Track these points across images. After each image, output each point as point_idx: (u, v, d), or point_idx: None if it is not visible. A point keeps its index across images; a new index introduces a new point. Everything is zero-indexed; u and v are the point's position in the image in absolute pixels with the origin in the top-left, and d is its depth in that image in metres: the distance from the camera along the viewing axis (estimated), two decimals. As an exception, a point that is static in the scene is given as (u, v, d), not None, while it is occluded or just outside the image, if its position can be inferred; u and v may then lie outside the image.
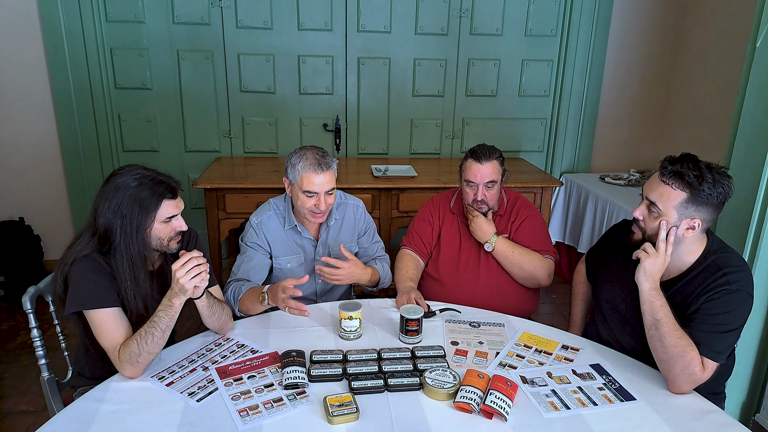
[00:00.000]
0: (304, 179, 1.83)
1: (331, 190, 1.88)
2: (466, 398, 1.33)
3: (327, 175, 1.84)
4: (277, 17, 3.40)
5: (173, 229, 1.52)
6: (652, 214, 1.49)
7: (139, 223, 1.46)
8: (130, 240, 1.47)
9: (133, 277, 1.50)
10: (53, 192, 3.52)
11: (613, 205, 3.16)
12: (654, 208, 1.47)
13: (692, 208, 1.44)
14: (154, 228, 1.49)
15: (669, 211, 1.45)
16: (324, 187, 1.85)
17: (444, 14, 3.51)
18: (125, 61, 3.37)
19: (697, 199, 1.43)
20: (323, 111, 3.63)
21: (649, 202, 1.49)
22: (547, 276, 2.03)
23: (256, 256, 1.95)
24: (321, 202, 1.86)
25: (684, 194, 1.43)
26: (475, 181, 2.00)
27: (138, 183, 1.46)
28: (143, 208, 1.46)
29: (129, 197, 1.45)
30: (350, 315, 1.63)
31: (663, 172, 1.47)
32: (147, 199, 1.46)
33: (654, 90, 3.82)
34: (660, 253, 1.46)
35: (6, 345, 2.88)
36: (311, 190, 1.84)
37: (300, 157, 1.85)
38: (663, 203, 1.45)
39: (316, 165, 1.82)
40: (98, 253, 1.49)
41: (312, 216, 1.91)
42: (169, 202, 1.49)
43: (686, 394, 1.43)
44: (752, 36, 2.00)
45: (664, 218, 1.46)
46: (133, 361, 1.42)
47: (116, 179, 1.47)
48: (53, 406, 1.64)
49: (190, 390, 1.40)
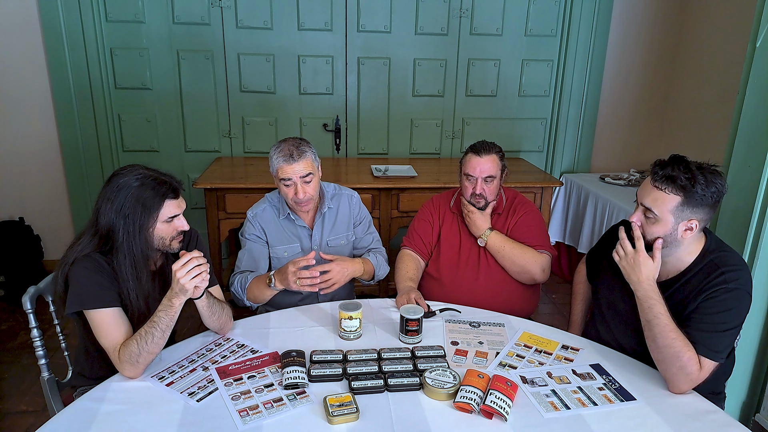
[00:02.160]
0: (279, 170, 1.90)
1: (307, 176, 1.90)
2: (466, 398, 1.33)
3: (299, 164, 1.88)
4: (277, 17, 3.40)
5: (175, 229, 1.53)
6: (649, 220, 1.48)
7: (142, 223, 1.46)
8: (133, 240, 1.47)
9: (136, 277, 1.50)
10: (53, 192, 3.52)
11: (613, 205, 3.16)
12: (650, 213, 1.47)
13: (688, 211, 1.44)
14: (156, 228, 1.49)
15: (665, 215, 1.45)
16: (298, 174, 1.88)
17: (444, 14, 3.51)
18: (125, 61, 3.37)
19: (692, 201, 1.43)
20: (323, 111, 3.63)
21: (644, 208, 1.49)
22: (541, 271, 2.03)
23: (255, 248, 2.00)
24: (299, 190, 1.90)
25: (678, 198, 1.43)
26: (474, 175, 2.01)
27: (140, 183, 1.46)
28: (146, 208, 1.46)
29: (131, 197, 1.45)
30: (350, 315, 1.63)
31: (655, 178, 1.46)
32: (150, 199, 1.46)
33: (654, 90, 3.82)
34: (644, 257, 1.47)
35: (6, 345, 2.88)
36: (286, 178, 1.89)
37: (276, 148, 1.92)
38: (658, 208, 1.45)
39: (288, 156, 1.88)
40: (99, 252, 1.49)
41: (296, 206, 1.96)
42: (172, 201, 1.49)
43: (686, 393, 1.43)
44: (752, 36, 2.00)
45: (661, 223, 1.46)
46: (133, 361, 1.42)
47: (118, 179, 1.47)
48: (53, 406, 1.64)
49: (190, 390, 1.40)
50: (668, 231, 1.46)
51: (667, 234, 1.47)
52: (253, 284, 1.89)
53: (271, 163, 1.93)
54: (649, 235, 1.49)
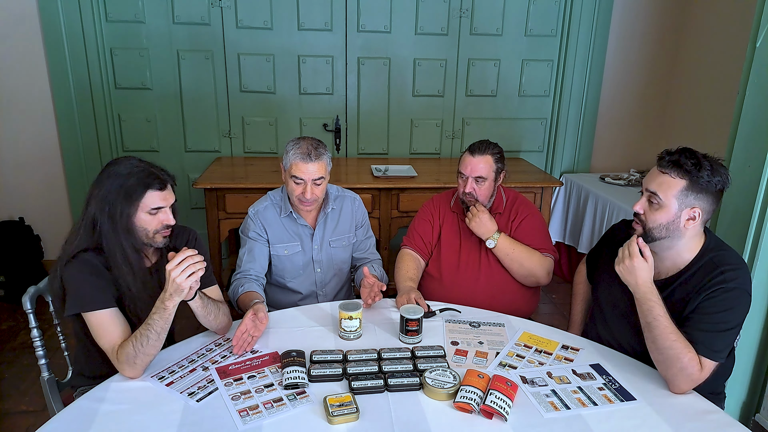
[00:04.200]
0: (293, 166, 1.89)
1: (318, 180, 1.91)
2: (466, 398, 1.33)
3: (315, 165, 1.88)
4: (277, 17, 3.40)
5: (160, 222, 1.53)
6: (653, 206, 1.49)
7: (122, 210, 1.47)
8: (114, 228, 1.47)
9: (131, 272, 1.50)
10: (53, 192, 3.52)
11: (613, 205, 3.16)
12: (655, 198, 1.48)
13: (692, 196, 1.45)
14: (138, 217, 1.49)
15: (669, 200, 1.46)
16: (311, 176, 1.89)
17: (444, 14, 3.51)
18: (125, 61, 3.37)
19: (696, 186, 1.44)
20: (323, 111, 3.63)
21: (649, 194, 1.49)
22: (546, 274, 2.04)
23: (256, 247, 2.00)
24: (307, 191, 1.90)
25: (683, 182, 1.44)
26: (465, 173, 2.02)
27: (128, 172, 1.48)
28: (127, 196, 1.47)
29: (116, 185, 1.47)
30: (350, 315, 1.63)
31: (661, 163, 1.48)
32: (132, 188, 1.47)
33: (654, 90, 3.82)
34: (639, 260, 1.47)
35: (6, 345, 2.88)
36: (299, 176, 1.88)
37: (295, 144, 1.92)
38: (663, 192, 1.46)
39: (306, 155, 1.87)
40: (93, 251, 1.50)
41: (300, 204, 1.96)
42: (155, 192, 1.49)
43: (686, 393, 1.43)
44: (752, 36, 2.00)
45: (665, 209, 1.46)
46: (130, 362, 1.42)
47: (111, 168, 1.50)
48: (53, 406, 1.64)
49: (190, 390, 1.40)
50: (671, 218, 1.46)
51: (670, 221, 1.47)
52: (240, 301, 1.86)
53: (286, 157, 1.92)
54: (651, 223, 1.49)
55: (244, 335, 1.57)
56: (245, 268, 1.96)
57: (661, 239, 1.50)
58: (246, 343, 1.57)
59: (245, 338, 1.57)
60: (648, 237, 1.51)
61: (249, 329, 1.58)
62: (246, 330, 1.57)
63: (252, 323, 1.59)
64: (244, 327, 1.57)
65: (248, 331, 1.58)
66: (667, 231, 1.48)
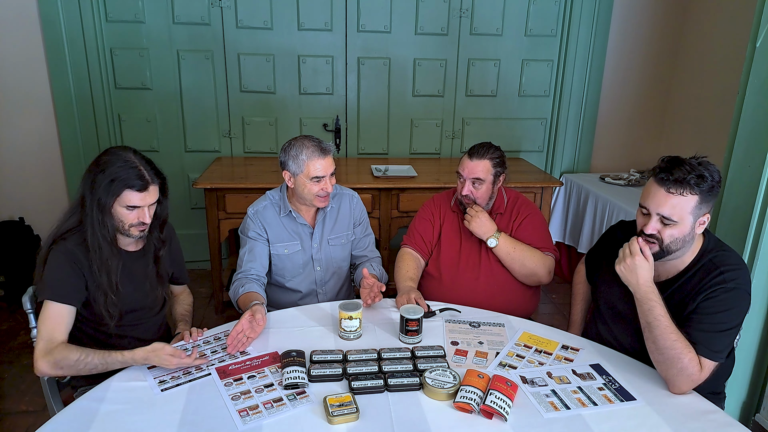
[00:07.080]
0: (310, 166, 1.91)
1: (334, 172, 1.97)
2: (466, 398, 1.33)
3: (329, 158, 1.94)
4: (277, 17, 3.40)
5: (136, 217, 1.58)
6: (668, 226, 1.47)
7: (100, 196, 1.53)
8: (91, 211, 1.53)
9: (99, 249, 1.55)
10: (53, 192, 3.52)
11: (613, 205, 3.16)
12: (668, 220, 1.45)
13: (704, 206, 1.45)
14: (114, 208, 1.55)
15: (685, 217, 1.44)
16: (329, 170, 1.94)
17: (444, 14, 3.51)
18: (125, 61, 3.37)
19: (707, 197, 1.44)
20: (323, 111, 3.63)
21: (661, 217, 1.47)
22: (548, 273, 2.04)
23: (256, 246, 2.00)
24: (328, 183, 1.95)
25: (695, 197, 1.43)
26: (463, 175, 2.03)
27: (118, 166, 1.53)
28: (108, 187, 1.53)
29: (106, 171, 1.53)
30: (350, 315, 1.63)
31: (667, 185, 1.44)
32: (115, 181, 1.53)
33: (654, 90, 3.82)
34: (640, 259, 1.47)
35: (6, 345, 2.88)
36: (318, 175, 1.92)
37: (300, 147, 1.92)
38: (678, 213, 1.44)
39: (319, 151, 1.91)
40: (79, 234, 1.56)
41: (319, 201, 1.98)
42: (133, 192, 1.54)
43: (686, 394, 1.43)
44: (752, 36, 2.00)
45: (680, 226, 1.45)
46: (59, 364, 1.46)
47: (106, 156, 1.57)
48: (53, 406, 1.64)
49: (162, 378, 1.44)
50: (687, 230, 1.46)
51: (686, 234, 1.46)
52: (240, 302, 1.87)
53: (298, 160, 1.91)
54: (668, 239, 1.47)
55: (239, 335, 1.57)
56: (246, 267, 1.97)
57: (678, 250, 1.49)
58: (240, 344, 1.57)
59: (240, 338, 1.57)
60: (665, 252, 1.49)
61: (245, 330, 1.58)
62: (242, 330, 1.58)
63: (248, 324, 1.60)
64: (240, 327, 1.58)
65: (244, 332, 1.58)
66: (683, 242, 1.48)
